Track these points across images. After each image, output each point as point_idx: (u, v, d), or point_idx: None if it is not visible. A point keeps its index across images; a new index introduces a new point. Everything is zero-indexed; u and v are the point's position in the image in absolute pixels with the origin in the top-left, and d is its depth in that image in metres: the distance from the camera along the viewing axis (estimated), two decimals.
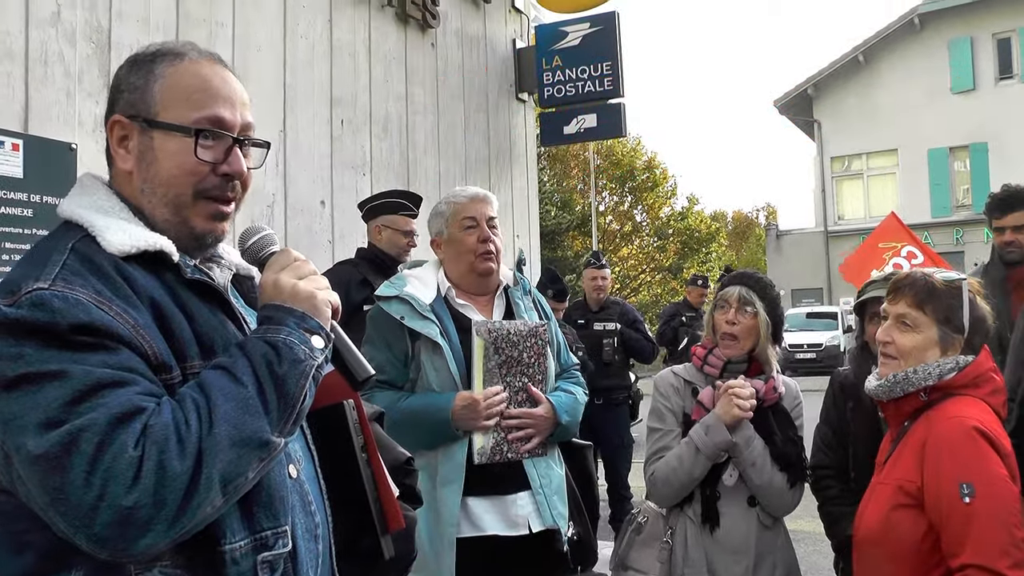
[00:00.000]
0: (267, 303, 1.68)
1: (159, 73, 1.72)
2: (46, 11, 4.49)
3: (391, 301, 3.33)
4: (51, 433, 1.37)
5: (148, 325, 1.55)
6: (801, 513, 3.59)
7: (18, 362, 1.41)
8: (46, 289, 1.47)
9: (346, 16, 6.76)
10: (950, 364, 2.69)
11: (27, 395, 1.40)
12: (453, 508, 3.17)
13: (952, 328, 2.72)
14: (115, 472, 1.36)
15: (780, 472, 3.33)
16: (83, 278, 1.52)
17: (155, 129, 1.70)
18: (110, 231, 1.62)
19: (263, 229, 1.84)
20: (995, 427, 2.61)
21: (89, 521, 1.35)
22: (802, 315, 27.99)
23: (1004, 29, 29.25)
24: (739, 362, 3.45)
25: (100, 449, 1.36)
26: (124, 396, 1.43)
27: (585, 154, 34.04)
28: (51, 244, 1.61)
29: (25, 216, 4.30)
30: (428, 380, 3.29)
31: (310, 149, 6.24)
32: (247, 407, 1.50)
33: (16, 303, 1.45)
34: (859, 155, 31.86)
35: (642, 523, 3.53)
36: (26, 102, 4.38)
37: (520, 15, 9.50)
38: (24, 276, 1.50)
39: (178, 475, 1.39)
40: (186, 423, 1.44)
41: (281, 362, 1.56)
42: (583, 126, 9.11)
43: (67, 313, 1.45)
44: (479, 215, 3.44)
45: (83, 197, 1.70)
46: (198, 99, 1.72)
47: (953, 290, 2.75)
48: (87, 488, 1.35)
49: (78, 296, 1.48)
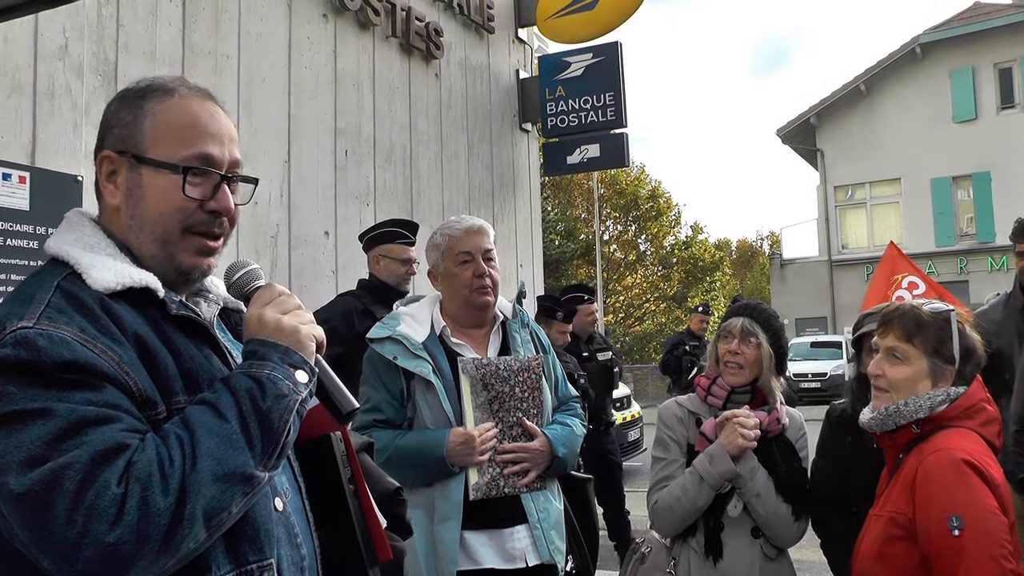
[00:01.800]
0: (251, 338, 1.68)
1: (149, 109, 1.73)
2: (54, 44, 4.53)
3: (384, 342, 3.33)
4: (34, 471, 1.38)
5: (133, 361, 1.56)
6: (806, 543, 3.57)
7: (2, 401, 1.42)
8: (31, 328, 1.47)
9: (350, 47, 6.81)
10: (941, 396, 2.70)
11: (10, 434, 1.40)
12: (453, 545, 3.16)
13: (942, 359, 2.74)
14: (98, 509, 1.37)
15: (784, 503, 3.31)
16: (67, 316, 1.53)
17: (144, 165, 1.71)
18: (95, 268, 1.63)
19: (249, 264, 1.85)
20: (985, 458, 2.61)
21: (72, 558, 1.36)
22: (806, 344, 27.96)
23: (1005, 59, 29.36)
24: (743, 393, 3.44)
25: (83, 486, 1.37)
26: (107, 433, 1.44)
27: (589, 183, 34.16)
28: (37, 281, 1.62)
29: (31, 248, 4.32)
30: (423, 418, 3.29)
31: (314, 179, 6.27)
32: (230, 442, 1.50)
33: (0, 342, 1.46)
34: (862, 184, 31.90)
35: (646, 553, 3.52)
36: (33, 135, 4.41)
37: (523, 45, 9.57)
38: (9, 315, 1.51)
39: (161, 511, 1.40)
40: (169, 459, 1.45)
41: (265, 397, 1.56)
42: (586, 156, 9.15)
43: (51, 351, 1.45)
44: (475, 249, 3.43)
45: (69, 233, 1.71)
46: (187, 136, 1.73)
47: (941, 321, 2.77)
48: (69, 525, 1.36)
49: (62, 334, 1.48)
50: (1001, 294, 5.56)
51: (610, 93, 8.91)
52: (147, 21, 5.07)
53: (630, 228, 37.44)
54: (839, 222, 32.44)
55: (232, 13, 5.66)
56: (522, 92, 9.35)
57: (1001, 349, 5.03)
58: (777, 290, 33.59)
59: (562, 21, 9.04)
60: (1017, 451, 4.00)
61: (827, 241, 32.36)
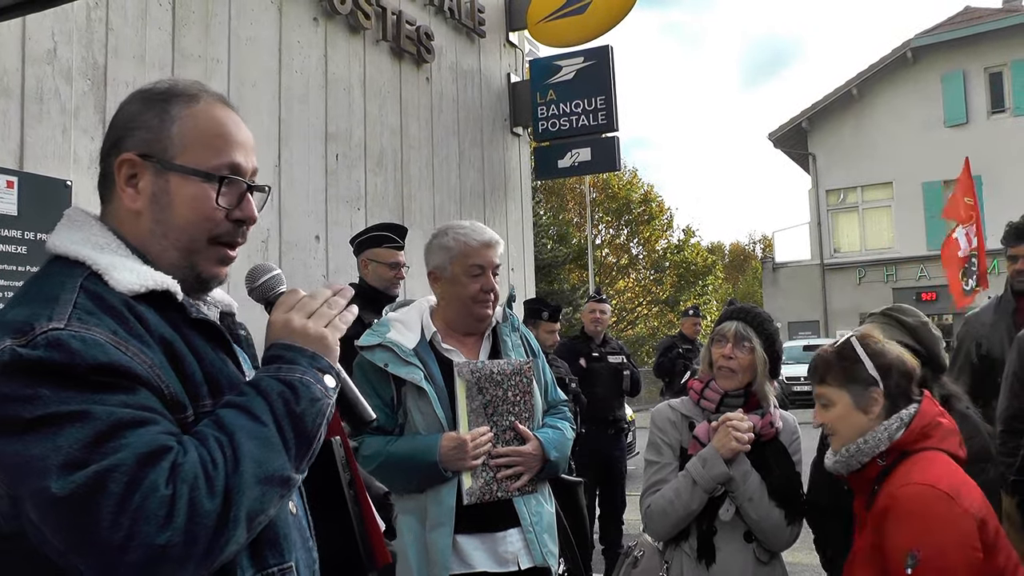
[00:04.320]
0: (278, 342, 1.68)
1: (176, 115, 1.70)
2: (42, 48, 4.51)
3: (374, 349, 3.32)
4: (75, 474, 1.35)
5: (163, 365, 1.55)
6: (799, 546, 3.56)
7: (35, 404, 1.38)
8: (62, 329, 1.44)
9: (341, 51, 6.79)
10: (895, 423, 2.72)
11: (46, 437, 1.37)
12: (445, 551, 3.15)
13: (860, 385, 2.77)
14: (146, 511, 1.35)
15: (777, 507, 3.30)
16: (97, 317, 1.50)
17: (172, 172, 1.69)
18: (116, 270, 1.60)
19: (273, 269, 1.87)
20: (954, 480, 2.60)
21: (117, 561, 1.35)
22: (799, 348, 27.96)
23: (996, 63, 29.44)
24: (736, 396, 3.44)
25: (129, 489, 1.36)
26: (148, 435, 1.43)
27: (581, 187, 34.18)
28: (55, 281, 1.57)
29: (19, 253, 4.30)
30: (415, 424, 3.28)
31: (305, 184, 6.25)
32: (269, 445, 1.52)
33: (30, 343, 1.42)
34: (854, 188, 31.95)
35: (638, 557, 3.50)
36: (21, 139, 4.39)
37: (515, 49, 9.57)
38: (34, 315, 1.47)
39: (208, 513, 1.40)
40: (212, 462, 1.45)
41: (299, 400, 1.58)
42: (577, 160, 9.15)
43: (86, 354, 1.43)
44: (487, 263, 3.40)
45: (75, 232, 1.67)
46: (217, 145, 1.72)
47: (843, 350, 2.82)
48: (115, 528, 1.34)
49: (95, 336, 1.46)
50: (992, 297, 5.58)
51: (601, 97, 8.92)
52: (136, 25, 5.05)
53: (622, 232, 37.52)
54: (831, 226, 32.48)
55: (222, 17, 5.65)
56: (513, 96, 9.35)
57: (992, 352, 5.05)
58: (769, 294, 33.61)
59: (553, 25, 9.03)
60: (1003, 452, 4.00)
61: (819, 245, 32.39)
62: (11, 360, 1.40)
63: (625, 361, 8.71)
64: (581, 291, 29.58)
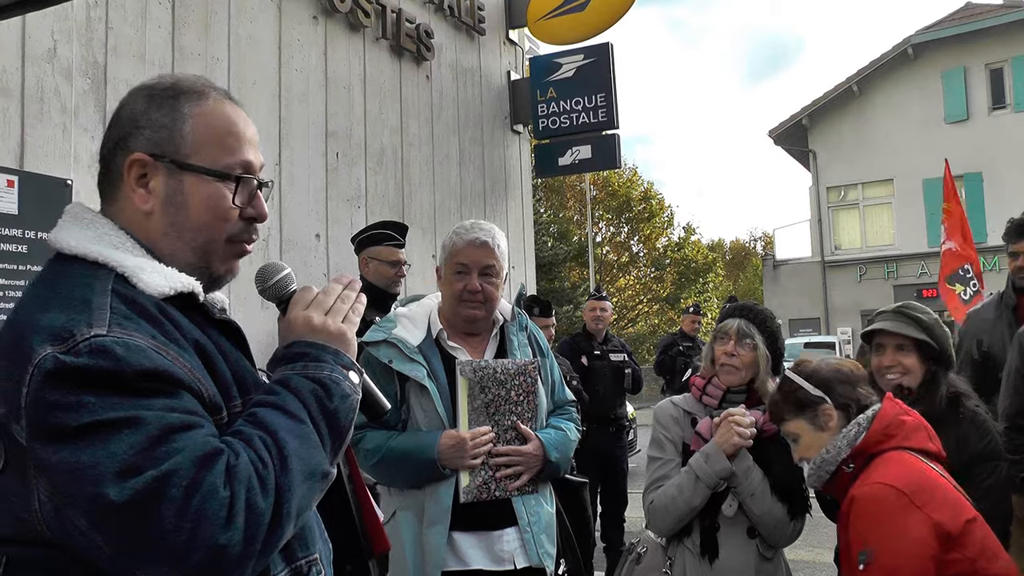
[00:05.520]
0: (300, 339, 1.70)
1: (187, 113, 1.68)
2: (42, 47, 4.51)
3: (379, 345, 3.32)
4: (132, 480, 1.35)
5: (199, 367, 1.55)
6: (800, 543, 3.57)
7: (81, 411, 1.36)
8: (104, 335, 1.42)
9: (340, 49, 6.79)
10: (853, 429, 2.78)
11: (97, 444, 1.36)
12: (439, 549, 3.15)
13: (810, 408, 2.86)
14: (208, 514, 1.37)
15: (780, 503, 3.31)
16: (135, 323, 1.49)
17: (186, 172, 1.67)
18: (144, 272, 1.58)
19: (283, 267, 1.88)
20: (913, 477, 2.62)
21: (181, 564, 1.36)
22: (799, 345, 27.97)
23: (997, 59, 29.41)
24: (738, 393, 3.44)
25: (189, 492, 1.36)
26: (199, 438, 1.43)
27: (581, 185, 34.16)
28: (80, 283, 1.54)
29: (20, 252, 4.30)
30: (417, 421, 3.28)
31: (305, 182, 6.25)
32: (309, 442, 1.55)
33: (72, 351, 1.39)
34: (855, 185, 31.93)
35: (641, 553, 3.51)
36: (21, 138, 4.39)
37: (514, 47, 9.56)
38: (71, 321, 1.44)
39: (264, 512, 1.43)
40: (262, 461, 1.46)
41: (331, 397, 1.61)
42: (578, 157, 9.14)
43: (131, 360, 1.42)
44: (472, 262, 3.39)
45: (86, 231, 1.63)
46: (230, 144, 1.71)
47: (785, 384, 2.96)
48: (178, 532, 1.35)
49: (137, 342, 1.45)
50: (994, 294, 5.57)
51: (601, 94, 8.91)
52: (136, 24, 5.05)
53: (623, 230, 37.50)
54: (832, 223, 32.46)
55: (222, 15, 5.64)
56: (513, 94, 9.34)
57: (993, 349, 5.04)
58: (770, 291, 33.60)
59: (553, 22, 9.02)
60: (1008, 449, 4.00)
61: (820, 242, 32.38)
62: (54, 368, 1.38)
63: (626, 359, 8.71)
64: (582, 289, 29.58)
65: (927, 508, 2.53)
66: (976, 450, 3.36)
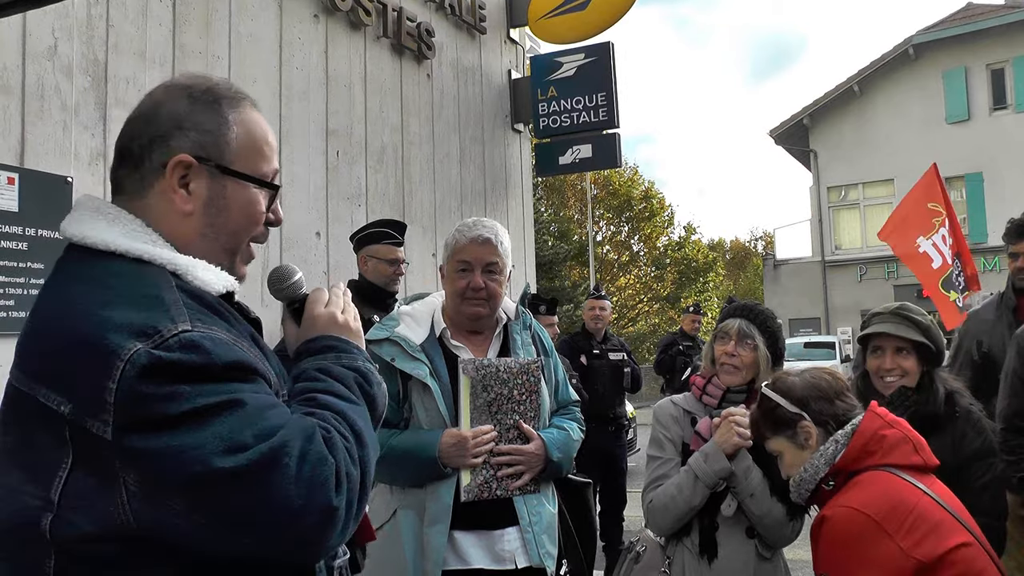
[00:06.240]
0: (326, 334, 1.81)
1: (230, 119, 1.71)
2: (43, 45, 4.51)
3: (382, 344, 3.31)
4: (240, 455, 1.42)
5: (262, 359, 1.63)
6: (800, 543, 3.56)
7: (179, 400, 1.41)
8: (191, 331, 1.47)
9: (341, 48, 6.79)
10: (830, 447, 2.71)
11: (199, 428, 1.42)
12: (439, 548, 3.15)
13: (790, 423, 2.80)
14: (320, 479, 1.47)
15: (779, 503, 3.30)
16: (209, 318, 1.55)
17: (228, 177, 1.70)
18: (199, 269, 1.63)
19: (296, 271, 1.97)
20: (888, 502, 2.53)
21: (294, 528, 1.45)
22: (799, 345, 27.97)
23: (998, 60, 29.40)
24: (738, 392, 3.44)
25: (300, 461, 1.46)
26: (294, 416, 1.55)
27: (582, 184, 34.17)
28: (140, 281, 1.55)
29: (20, 250, 4.30)
30: (419, 419, 3.27)
31: (305, 180, 6.25)
32: (367, 421, 1.68)
33: (162, 346, 1.43)
34: (855, 185, 31.93)
35: (640, 552, 3.50)
36: (22, 135, 4.39)
37: (515, 46, 9.56)
38: (152, 318, 1.46)
39: (355, 480, 1.55)
40: (343, 436, 1.57)
41: (371, 384, 1.75)
42: (578, 156, 9.15)
43: (220, 353, 1.48)
44: (474, 260, 3.37)
45: (113, 226, 1.63)
46: (266, 152, 1.77)
47: (763, 402, 2.90)
48: (293, 498, 1.44)
49: (221, 336, 1.51)
50: (994, 294, 5.57)
51: (602, 93, 8.91)
52: (137, 21, 5.05)
53: (623, 229, 37.50)
54: (832, 223, 32.47)
55: (223, 13, 5.64)
56: (514, 92, 9.34)
57: (993, 349, 5.04)
58: (770, 291, 33.60)
59: (554, 21, 9.03)
60: (1004, 450, 4.00)
61: (820, 242, 32.38)
62: (149, 363, 1.41)
63: (626, 358, 8.72)
64: (582, 288, 29.59)
65: (897, 536, 2.45)
66: (972, 448, 3.36)
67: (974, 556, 2.51)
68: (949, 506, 2.59)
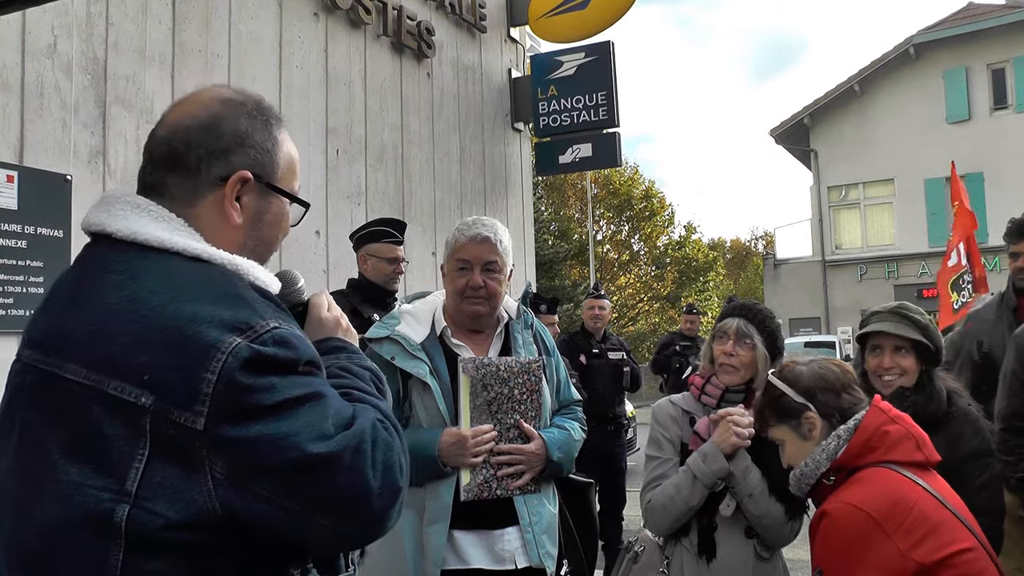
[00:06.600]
0: (334, 336, 1.93)
1: (280, 139, 1.81)
2: (42, 43, 4.51)
3: (382, 342, 3.31)
4: (328, 442, 1.53)
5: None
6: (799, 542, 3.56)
7: (272, 391, 1.51)
8: (280, 327, 1.57)
9: (341, 46, 6.79)
10: (832, 443, 2.69)
11: (292, 417, 1.52)
12: (439, 548, 3.14)
13: (793, 415, 2.78)
14: (390, 463, 1.61)
15: (778, 503, 3.30)
16: (282, 315, 1.65)
17: (274, 194, 1.80)
18: (258, 270, 1.72)
19: (299, 277, 2.05)
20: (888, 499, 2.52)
21: (371, 507, 1.57)
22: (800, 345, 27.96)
23: (999, 59, 29.38)
24: (737, 392, 3.44)
25: (375, 447, 1.59)
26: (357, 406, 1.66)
27: (582, 183, 34.16)
28: (215, 279, 1.62)
29: (19, 248, 4.30)
30: (419, 418, 3.27)
31: (305, 179, 6.23)
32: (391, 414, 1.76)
33: (259, 340, 1.53)
34: (856, 184, 31.91)
35: (639, 552, 3.50)
36: (21, 133, 4.39)
37: (515, 45, 9.56)
38: (242, 314, 1.55)
39: (404, 467, 1.67)
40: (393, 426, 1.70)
41: (382, 381, 1.87)
42: (578, 155, 9.15)
43: (303, 349, 1.60)
44: (474, 258, 3.37)
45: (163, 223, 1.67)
46: (297, 171, 1.88)
47: (769, 389, 2.88)
48: (371, 480, 1.56)
49: (300, 333, 1.64)
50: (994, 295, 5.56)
51: (602, 92, 8.91)
52: (137, 19, 5.05)
53: (623, 228, 37.50)
54: (832, 223, 32.46)
55: (222, 11, 5.64)
56: (514, 91, 9.34)
57: (993, 349, 5.03)
58: (771, 290, 33.59)
59: (554, 20, 9.03)
60: (1003, 451, 3.99)
61: (821, 241, 32.37)
62: (251, 355, 1.50)
63: (625, 357, 8.71)
64: (582, 287, 29.57)
65: (896, 536, 2.43)
66: (969, 448, 3.36)
67: (974, 559, 2.50)
68: (951, 504, 2.58)
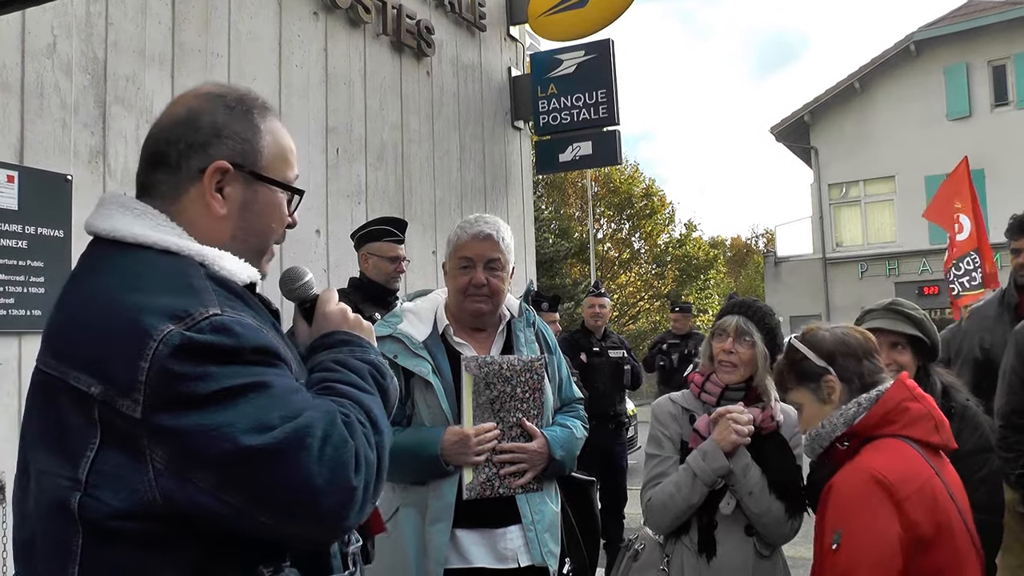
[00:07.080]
0: (340, 330, 1.91)
1: (263, 128, 1.81)
2: (42, 43, 4.51)
3: (385, 340, 3.29)
4: (267, 434, 1.48)
5: (284, 346, 1.71)
6: (800, 540, 3.57)
7: (208, 380, 1.48)
8: (221, 315, 1.54)
9: (341, 45, 6.79)
10: (852, 408, 2.70)
11: (228, 408, 1.48)
12: (441, 546, 3.14)
13: (812, 379, 2.79)
14: (342, 460, 1.54)
15: (778, 501, 3.30)
16: (236, 305, 1.63)
17: (261, 183, 1.80)
18: (225, 260, 1.71)
19: (307, 273, 2.06)
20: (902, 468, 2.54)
21: (317, 507, 1.51)
22: None
23: (999, 56, 29.34)
24: (737, 390, 3.43)
25: (323, 442, 1.52)
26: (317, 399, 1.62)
27: (583, 181, 34.15)
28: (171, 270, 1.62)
29: (20, 248, 4.30)
30: (421, 417, 3.27)
31: (305, 178, 6.23)
32: (381, 410, 1.74)
33: (195, 328, 1.50)
34: (856, 182, 31.86)
35: (639, 550, 3.50)
36: (21, 133, 4.39)
37: (515, 43, 9.55)
38: (183, 303, 1.54)
39: (372, 463, 1.61)
40: (360, 422, 1.63)
41: (384, 377, 1.83)
42: (578, 154, 9.14)
43: (248, 337, 1.55)
44: (476, 256, 3.37)
45: (143, 220, 1.70)
46: (291, 159, 1.87)
47: (790, 352, 2.88)
48: (315, 477, 1.50)
49: (248, 321, 1.59)
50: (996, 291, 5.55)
51: (602, 90, 8.91)
52: (137, 19, 5.05)
53: (624, 226, 37.50)
54: (833, 220, 32.41)
55: (222, 11, 5.64)
56: (514, 90, 9.34)
57: (995, 345, 5.02)
58: (771, 288, 33.55)
59: (553, 18, 9.03)
60: (1002, 447, 3.99)
61: (821, 239, 32.34)
62: (181, 343, 1.48)
63: (626, 355, 8.72)
64: (582, 285, 29.57)
65: (906, 504, 2.45)
66: (969, 443, 3.36)
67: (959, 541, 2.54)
68: (954, 495, 2.60)
